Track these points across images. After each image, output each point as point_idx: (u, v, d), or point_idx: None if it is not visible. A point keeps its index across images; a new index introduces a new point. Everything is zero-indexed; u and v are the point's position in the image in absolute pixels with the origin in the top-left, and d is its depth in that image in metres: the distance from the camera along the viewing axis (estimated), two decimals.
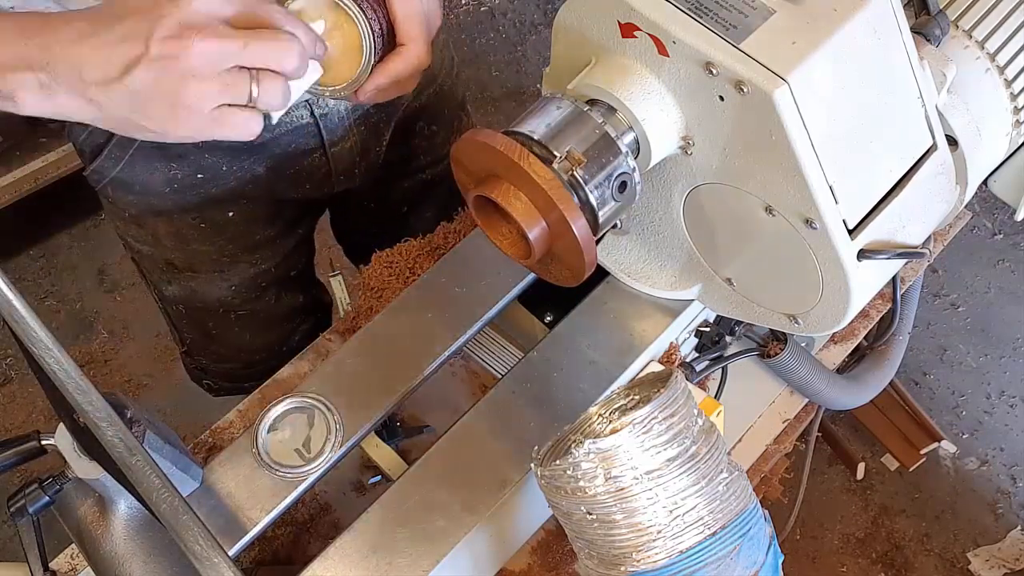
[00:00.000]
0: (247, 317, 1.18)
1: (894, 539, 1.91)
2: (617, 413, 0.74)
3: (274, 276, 1.16)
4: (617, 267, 0.89)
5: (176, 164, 0.99)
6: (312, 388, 0.85)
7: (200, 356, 1.28)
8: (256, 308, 1.18)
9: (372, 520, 0.77)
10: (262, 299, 1.18)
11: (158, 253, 1.10)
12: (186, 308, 1.18)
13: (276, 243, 1.14)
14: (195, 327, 1.22)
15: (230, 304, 1.16)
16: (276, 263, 1.15)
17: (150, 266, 1.14)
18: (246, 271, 1.13)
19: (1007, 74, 0.81)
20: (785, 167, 0.65)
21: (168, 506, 0.52)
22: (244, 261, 1.12)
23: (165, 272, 1.13)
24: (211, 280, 1.12)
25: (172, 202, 1.03)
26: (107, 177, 1.01)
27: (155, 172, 0.99)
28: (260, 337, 1.22)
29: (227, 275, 1.12)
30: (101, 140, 0.98)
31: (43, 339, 0.52)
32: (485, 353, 0.95)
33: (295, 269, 1.20)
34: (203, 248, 1.09)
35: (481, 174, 0.69)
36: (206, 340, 1.23)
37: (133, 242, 1.11)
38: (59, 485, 0.76)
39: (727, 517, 0.67)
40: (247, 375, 1.26)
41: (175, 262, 1.11)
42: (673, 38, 0.64)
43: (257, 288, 1.16)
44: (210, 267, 1.11)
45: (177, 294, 1.15)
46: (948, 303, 2.18)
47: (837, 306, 0.75)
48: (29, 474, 0.79)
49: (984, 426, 2.03)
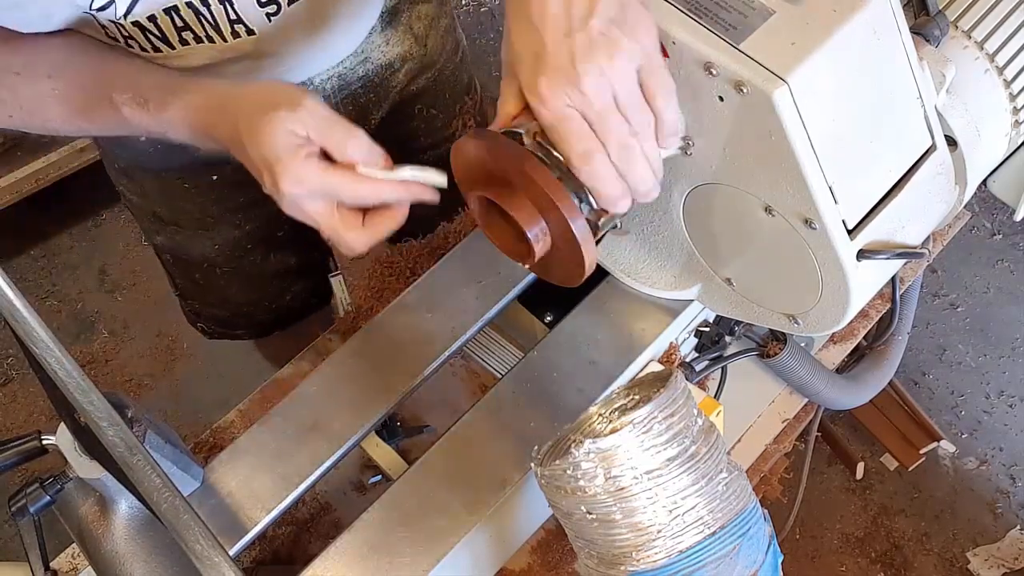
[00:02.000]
0: (231, 274, 1.19)
1: (893, 539, 1.91)
2: (617, 413, 0.74)
3: (259, 237, 1.16)
4: (617, 267, 0.90)
5: None
6: (312, 388, 0.85)
7: (192, 300, 1.29)
8: (240, 266, 1.19)
9: (372, 520, 0.78)
10: (247, 259, 1.18)
11: (146, 204, 1.13)
12: (173, 258, 1.20)
13: (260, 206, 1.12)
14: (184, 275, 1.24)
15: (214, 261, 1.17)
16: (260, 224, 1.15)
17: (139, 215, 1.17)
18: (229, 232, 1.14)
19: (1006, 74, 0.81)
20: (785, 167, 0.65)
21: (169, 506, 0.52)
22: (227, 223, 1.13)
23: (153, 223, 1.15)
24: (195, 236, 1.14)
25: (157, 161, 1.04)
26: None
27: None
28: (246, 293, 1.23)
29: (211, 234, 1.14)
30: None
31: (44, 339, 0.52)
32: (485, 353, 0.95)
33: (281, 230, 1.18)
34: (187, 206, 1.10)
35: (481, 174, 0.69)
36: (195, 288, 1.25)
37: (125, 191, 1.13)
38: (60, 485, 0.76)
39: (727, 517, 0.67)
40: (236, 324, 1.28)
41: (161, 215, 1.13)
42: (673, 38, 0.64)
43: (241, 248, 1.17)
44: (194, 224, 1.13)
45: (164, 244, 1.18)
46: (947, 303, 2.19)
47: (836, 306, 0.75)
48: (30, 474, 0.79)
49: (983, 426, 2.03)
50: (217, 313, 1.29)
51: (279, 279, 1.24)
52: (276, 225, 1.17)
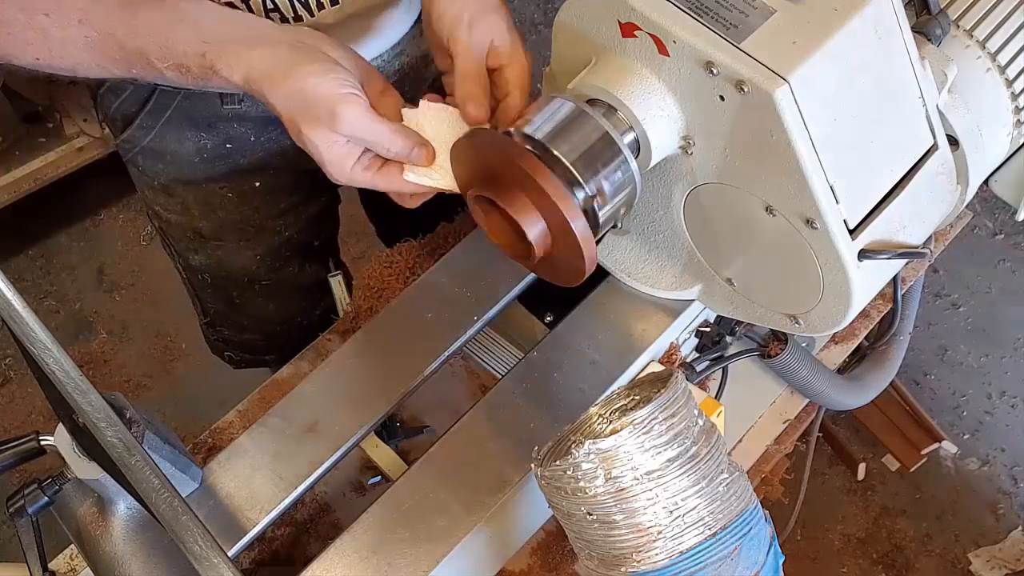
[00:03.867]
0: (270, 287, 1.20)
1: (895, 540, 1.91)
2: (617, 413, 0.74)
3: (297, 244, 1.18)
4: (617, 267, 0.89)
5: (206, 133, 1.01)
6: (311, 388, 0.85)
7: (222, 327, 1.29)
8: (279, 278, 1.20)
9: (372, 520, 0.77)
10: (285, 269, 1.19)
11: (186, 222, 1.12)
12: (211, 277, 1.20)
13: (299, 209, 1.15)
14: (219, 296, 1.23)
15: (255, 274, 1.18)
16: (299, 229, 1.17)
17: (177, 235, 1.16)
18: (271, 240, 1.15)
19: (1008, 74, 0.81)
20: (786, 167, 0.65)
21: (167, 506, 0.52)
22: (269, 229, 1.14)
23: (192, 241, 1.15)
24: (237, 249, 1.15)
25: (201, 171, 1.05)
26: (138, 146, 1.03)
27: (186, 141, 1.02)
28: (282, 308, 1.24)
29: (252, 243, 1.14)
30: (133, 109, 1.00)
31: (42, 339, 0.52)
32: (485, 353, 0.95)
33: (318, 239, 1.22)
34: (230, 217, 1.11)
35: (481, 174, 0.69)
36: (229, 309, 1.25)
37: (162, 211, 1.13)
38: (58, 485, 0.76)
39: (728, 518, 0.67)
40: (267, 347, 1.28)
41: (202, 231, 1.13)
42: (673, 38, 0.64)
43: (281, 257, 1.18)
44: (236, 236, 1.13)
45: (203, 263, 1.17)
46: (949, 303, 2.18)
47: (838, 306, 0.74)
48: (28, 474, 0.79)
49: (985, 426, 2.03)
50: (248, 338, 1.29)
51: (312, 292, 1.24)
52: (314, 233, 1.20)
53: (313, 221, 1.19)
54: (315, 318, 1.26)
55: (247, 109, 0.98)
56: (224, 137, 1.02)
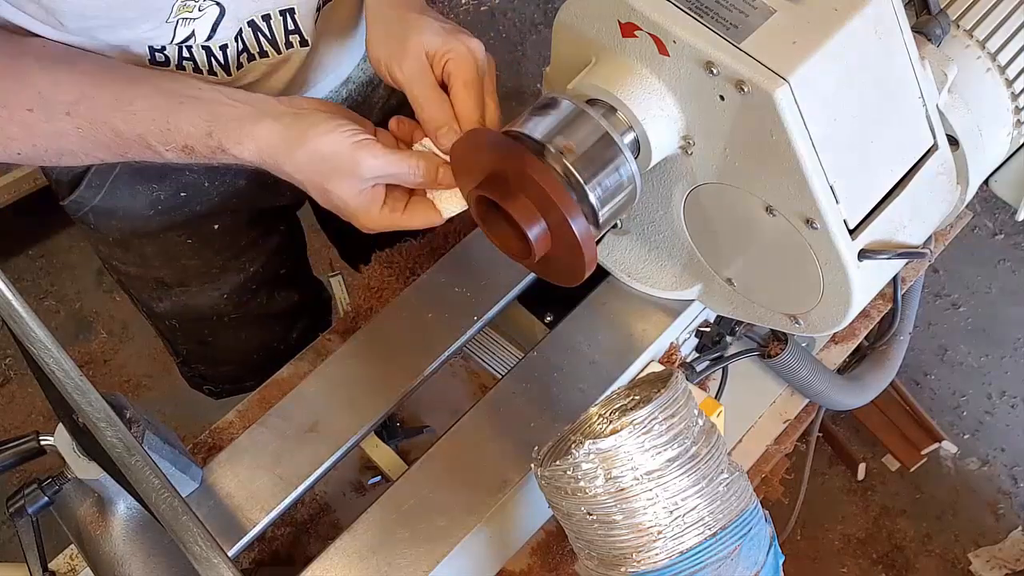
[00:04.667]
0: (240, 320, 1.18)
1: (895, 540, 1.91)
2: (617, 413, 0.74)
3: (263, 277, 1.16)
4: (617, 267, 0.89)
5: (158, 185, 0.98)
6: (311, 388, 0.84)
7: (198, 364, 1.27)
8: (248, 310, 1.18)
9: (372, 520, 0.77)
10: (254, 301, 1.17)
11: (147, 273, 1.10)
12: (179, 322, 1.17)
13: (260, 244, 1.13)
14: (189, 338, 1.21)
15: (223, 311, 1.16)
16: (263, 263, 1.15)
17: (139, 286, 1.13)
18: (235, 277, 1.13)
19: (1008, 74, 0.81)
20: (786, 167, 0.65)
21: (167, 507, 0.52)
22: (232, 268, 1.12)
23: (156, 290, 1.12)
24: (202, 291, 1.12)
25: (156, 223, 1.02)
26: (88, 206, 0.99)
27: (138, 195, 0.99)
28: (256, 338, 1.22)
29: (218, 284, 1.12)
30: (80, 169, 0.97)
31: (42, 339, 0.52)
32: (485, 353, 0.95)
33: (284, 267, 1.20)
34: (192, 263, 1.09)
35: (481, 174, 0.69)
36: (202, 348, 1.23)
37: (119, 264, 1.10)
38: (58, 486, 0.76)
39: (728, 518, 0.67)
40: (246, 375, 1.26)
41: (165, 279, 1.10)
42: (673, 38, 0.63)
43: (247, 292, 1.16)
44: (201, 279, 1.11)
45: (169, 309, 1.15)
46: (949, 303, 2.18)
47: (838, 306, 0.74)
48: (28, 474, 0.79)
49: (985, 426, 2.03)
50: (226, 371, 1.27)
51: (285, 318, 1.23)
52: (278, 263, 1.19)
53: (276, 252, 1.17)
54: (292, 341, 1.24)
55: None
56: (177, 186, 0.99)
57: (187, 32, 0.78)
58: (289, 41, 0.85)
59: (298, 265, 1.27)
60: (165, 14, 0.75)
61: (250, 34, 0.82)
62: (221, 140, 0.72)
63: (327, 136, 0.71)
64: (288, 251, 1.21)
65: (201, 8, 0.77)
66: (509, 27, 2.64)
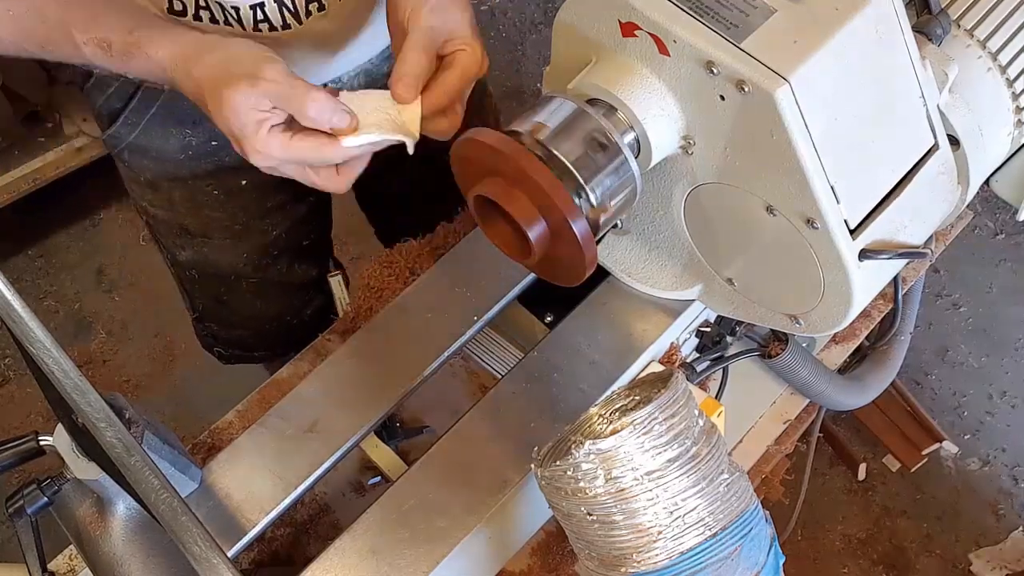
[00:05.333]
0: (258, 284, 1.19)
1: (896, 540, 1.90)
2: (617, 414, 0.74)
3: (285, 243, 1.17)
4: (617, 267, 0.89)
5: (191, 130, 1.01)
6: (311, 388, 0.84)
7: (211, 323, 1.28)
8: (267, 276, 1.19)
9: (372, 521, 0.77)
10: (273, 267, 1.18)
11: (173, 218, 1.12)
12: (199, 273, 1.19)
13: (287, 209, 1.14)
14: (207, 293, 1.22)
15: (242, 272, 1.17)
16: (287, 228, 1.16)
17: (164, 230, 1.15)
18: (258, 238, 1.14)
19: (1009, 73, 0.80)
20: (786, 167, 0.65)
21: (167, 507, 0.51)
22: (256, 228, 1.13)
23: (179, 237, 1.14)
24: (224, 247, 1.14)
25: (187, 169, 1.04)
26: (124, 142, 1.02)
27: (170, 138, 1.01)
28: (271, 306, 1.23)
29: (239, 242, 1.14)
30: (118, 105, 0.99)
31: (41, 339, 0.52)
32: (485, 353, 0.95)
33: (307, 239, 1.21)
34: (217, 215, 1.10)
35: (481, 174, 0.69)
36: (217, 306, 1.24)
37: (148, 206, 1.12)
38: (57, 486, 0.76)
39: (728, 518, 0.67)
40: (257, 343, 1.28)
41: (189, 227, 1.12)
42: (674, 37, 0.63)
43: (268, 256, 1.17)
44: (223, 233, 1.12)
45: (190, 259, 1.16)
46: (950, 303, 2.18)
47: (838, 306, 0.74)
48: (27, 475, 0.79)
49: (986, 427, 2.02)
50: (238, 334, 1.28)
51: (302, 291, 1.24)
52: (303, 233, 1.19)
53: (302, 221, 1.18)
54: (306, 317, 1.25)
55: None
56: (209, 135, 1.01)
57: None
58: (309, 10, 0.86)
59: (321, 241, 1.27)
60: None
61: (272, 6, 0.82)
62: (140, 37, 0.72)
63: (240, 46, 0.70)
64: (314, 222, 1.22)
65: None
66: (509, 27, 2.64)
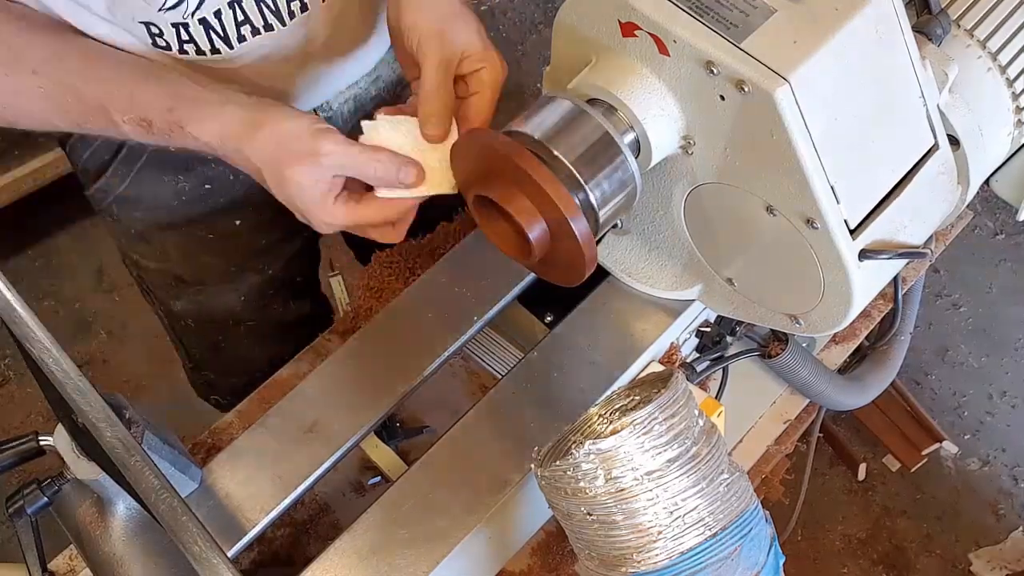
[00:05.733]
0: (255, 328, 1.18)
1: (896, 540, 1.90)
2: (617, 413, 0.74)
3: (281, 282, 1.16)
4: (617, 267, 0.89)
5: (184, 176, 0.99)
6: (311, 388, 0.84)
7: (207, 371, 1.27)
8: (264, 317, 1.17)
9: (372, 521, 0.77)
10: (270, 307, 1.17)
11: (166, 268, 1.09)
12: (195, 322, 1.17)
13: (281, 246, 1.13)
14: (203, 341, 1.21)
15: (239, 315, 1.15)
16: (282, 266, 1.15)
17: (157, 282, 1.13)
18: (254, 279, 1.13)
19: (1009, 73, 0.80)
20: (786, 167, 0.65)
21: (167, 507, 0.51)
22: (251, 269, 1.12)
23: (173, 287, 1.12)
24: (220, 291, 1.12)
25: (181, 215, 1.02)
26: (112, 195, 1.00)
27: (163, 186, 0.99)
28: (268, 349, 1.21)
29: (236, 284, 1.12)
30: (106, 157, 0.97)
31: (42, 339, 0.52)
32: (485, 353, 0.95)
33: (300, 274, 1.20)
34: (212, 260, 1.08)
35: (481, 174, 0.69)
36: (214, 354, 1.22)
37: (140, 259, 1.10)
38: (57, 486, 0.76)
39: (728, 518, 0.67)
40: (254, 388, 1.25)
41: (183, 276, 1.10)
42: (674, 37, 0.63)
43: (265, 296, 1.16)
44: (219, 278, 1.11)
45: (185, 308, 1.14)
46: (950, 303, 2.18)
47: (838, 306, 0.74)
48: (27, 475, 0.79)
49: (986, 427, 2.02)
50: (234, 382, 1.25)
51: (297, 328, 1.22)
52: (296, 268, 1.18)
53: (295, 257, 1.17)
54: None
55: None
56: (202, 179, 0.99)
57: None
58: (291, 10, 0.84)
59: (312, 275, 1.27)
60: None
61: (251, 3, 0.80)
62: (182, 117, 0.71)
63: (289, 120, 0.70)
64: (306, 259, 1.21)
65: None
66: (509, 27, 2.64)
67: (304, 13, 0.86)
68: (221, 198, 1.02)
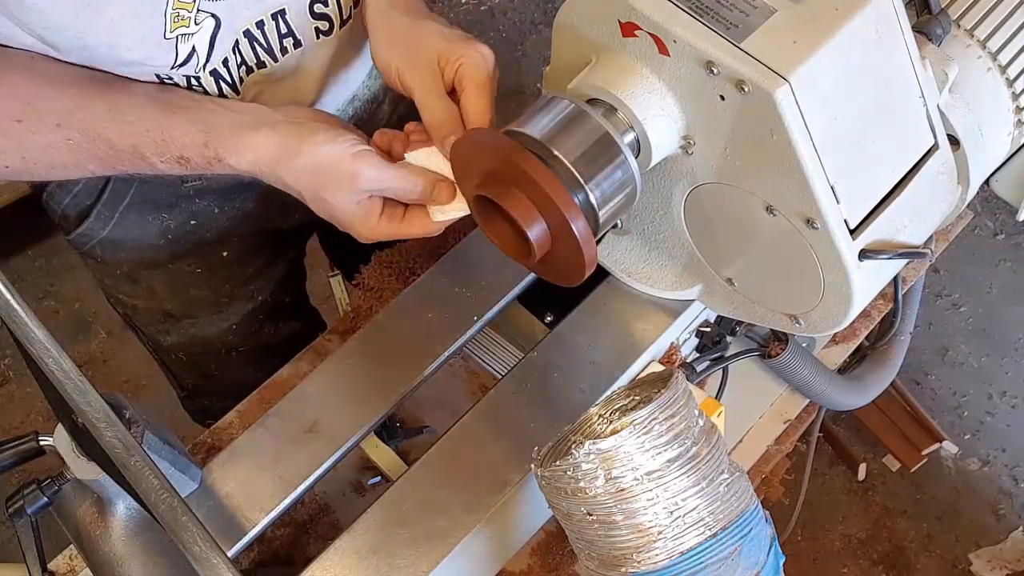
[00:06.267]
0: (248, 353, 1.17)
1: (896, 540, 1.90)
2: (617, 414, 0.74)
3: (270, 306, 1.15)
4: (617, 267, 0.89)
5: (168, 214, 0.98)
6: (311, 388, 0.84)
7: (202, 398, 1.26)
8: (257, 343, 1.17)
9: (372, 521, 0.77)
10: (261, 332, 1.16)
11: (154, 306, 1.08)
12: (186, 355, 1.16)
13: (268, 272, 1.13)
14: (195, 372, 1.20)
15: (231, 343, 1.14)
16: (271, 291, 1.14)
17: (145, 320, 1.12)
18: (243, 306, 1.12)
19: (1009, 73, 0.80)
20: (786, 167, 0.65)
21: (167, 507, 0.51)
22: (241, 297, 1.11)
23: (163, 323, 1.11)
24: (210, 323, 1.11)
25: (166, 253, 1.01)
26: (96, 238, 0.98)
27: (147, 225, 0.98)
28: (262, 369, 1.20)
29: (225, 314, 1.11)
30: (88, 201, 0.96)
31: (41, 339, 0.52)
32: (485, 353, 0.95)
33: (289, 296, 1.19)
34: (201, 293, 1.08)
35: (481, 174, 0.69)
36: (207, 382, 1.21)
37: (126, 298, 1.09)
38: (57, 486, 0.76)
39: (728, 518, 0.67)
40: None
41: (173, 311, 1.09)
42: (674, 37, 0.63)
43: (255, 322, 1.15)
44: (209, 310, 1.10)
45: (176, 342, 1.13)
46: (950, 303, 2.18)
47: (838, 306, 0.74)
48: (27, 475, 0.79)
49: (986, 427, 2.03)
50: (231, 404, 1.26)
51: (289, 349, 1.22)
52: (283, 290, 1.18)
53: (283, 279, 1.16)
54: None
55: (208, 182, 0.95)
56: (187, 214, 0.98)
57: (187, 49, 0.75)
58: (284, 46, 0.84)
59: (300, 293, 1.26)
60: (161, 28, 0.73)
61: (246, 45, 0.81)
62: (217, 150, 0.72)
63: (326, 146, 0.71)
64: (293, 279, 1.21)
65: (197, 21, 0.75)
66: (509, 27, 2.64)
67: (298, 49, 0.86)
68: (207, 231, 1.01)
